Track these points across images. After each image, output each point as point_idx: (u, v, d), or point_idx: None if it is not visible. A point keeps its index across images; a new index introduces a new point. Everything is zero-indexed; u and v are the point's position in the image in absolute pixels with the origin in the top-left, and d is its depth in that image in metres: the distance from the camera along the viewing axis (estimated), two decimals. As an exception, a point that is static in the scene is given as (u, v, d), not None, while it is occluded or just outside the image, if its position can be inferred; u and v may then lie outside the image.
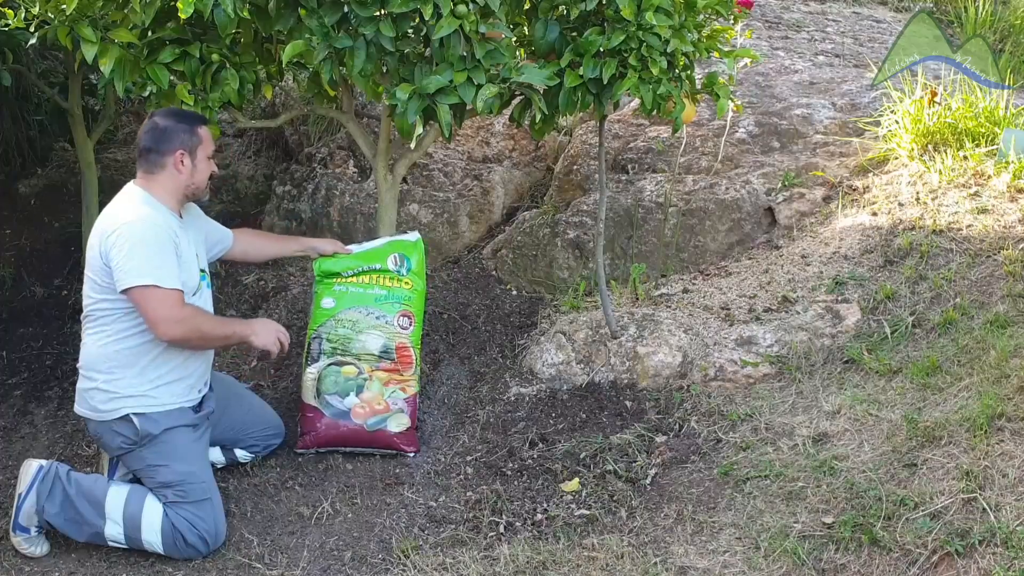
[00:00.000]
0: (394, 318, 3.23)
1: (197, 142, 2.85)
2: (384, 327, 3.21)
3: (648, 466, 3.01)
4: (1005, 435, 2.64)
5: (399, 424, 3.19)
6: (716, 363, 3.37)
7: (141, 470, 2.83)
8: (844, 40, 5.61)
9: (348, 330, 3.20)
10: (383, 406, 3.18)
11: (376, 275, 3.25)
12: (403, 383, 3.22)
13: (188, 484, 2.78)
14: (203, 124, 2.90)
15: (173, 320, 2.71)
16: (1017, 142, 3.71)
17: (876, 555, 2.43)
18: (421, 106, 2.81)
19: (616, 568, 2.60)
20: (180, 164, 2.83)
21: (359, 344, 3.19)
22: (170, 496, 2.77)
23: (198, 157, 2.85)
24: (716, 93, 3.18)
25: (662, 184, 4.11)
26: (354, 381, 3.19)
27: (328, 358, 3.19)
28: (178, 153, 2.82)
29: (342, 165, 4.54)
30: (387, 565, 2.73)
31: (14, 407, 3.51)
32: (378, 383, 3.19)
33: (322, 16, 2.75)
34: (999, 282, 3.28)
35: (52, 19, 2.87)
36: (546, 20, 3.02)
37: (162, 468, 2.79)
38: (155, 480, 2.80)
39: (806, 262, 3.76)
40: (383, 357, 3.20)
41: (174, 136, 2.82)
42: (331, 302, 3.23)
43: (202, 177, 2.88)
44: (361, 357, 3.19)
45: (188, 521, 2.74)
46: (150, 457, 2.79)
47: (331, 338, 3.20)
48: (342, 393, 3.18)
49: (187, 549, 2.75)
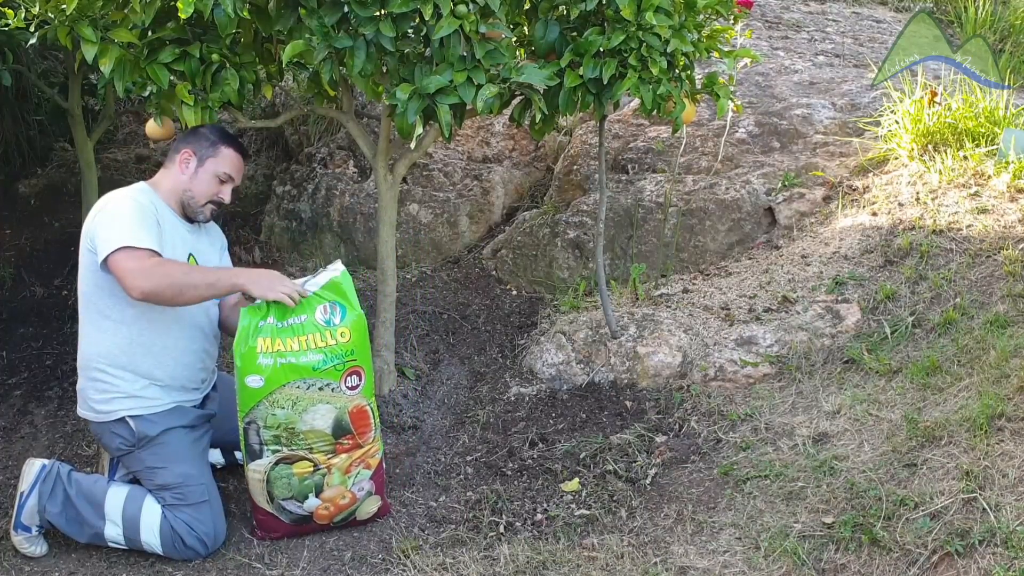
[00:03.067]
0: (340, 383, 2.67)
1: (212, 153, 2.84)
2: (331, 397, 2.67)
3: (648, 466, 3.01)
4: (1005, 435, 2.64)
5: (368, 510, 2.86)
6: (716, 363, 3.37)
7: (140, 472, 2.82)
8: (844, 40, 5.61)
9: (288, 411, 2.65)
10: (348, 499, 2.80)
11: (304, 337, 2.63)
12: (365, 457, 2.78)
13: (186, 487, 2.76)
14: (233, 147, 2.88)
15: (140, 272, 2.52)
16: (1017, 142, 3.71)
17: (876, 555, 2.43)
18: (421, 106, 2.81)
19: (616, 568, 2.60)
20: (185, 163, 2.83)
21: (304, 425, 2.67)
22: (168, 498, 2.76)
23: (206, 167, 2.83)
24: (716, 93, 3.18)
25: (662, 184, 4.11)
26: (311, 480, 2.73)
27: (272, 453, 2.70)
28: (187, 151, 2.83)
29: (342, 165, 4.54)
30: (387, 565, 2.73)
31: (14, 407, 3.51)
32: (338, 474, 2.74)
33: (322, 16, 2.75)
34: (999, 282, 3.28)
35: (52, 19, 2.87)
36: (546, 20, 3.02)
37: (160, 470, 2.77)
38: (153, 482, 2.79)
39: (806, 262, 3.76)
40: (337, 436, 2.71)
41: (196, 138, 2.85)
42: (258, 380, 2.62)
43: (202, 188, 2.83)
44: (313, 446, 2.70)
45: (186, 524, 2.73)
46: (148, 459, 2.77)
47: (269, 424, 2.67)
48: (299, 497, 2.76)
49: (186, 551, 2.74)
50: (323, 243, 4.36)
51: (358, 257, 4.32)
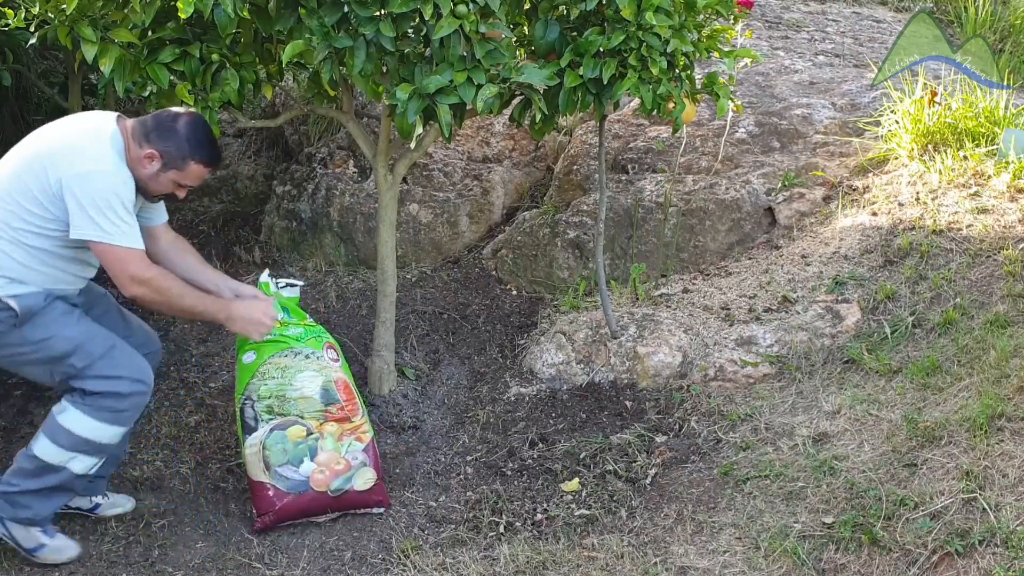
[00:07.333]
0: (323, 352, 2.96)
1: (180, 166, 2.66)
2: (317, 364, 2.92)
3: (648, 466, 3.01)
4: (1005, 435, 2.64)
5: (365, 480, 2.92)
6: (716, 363, 3.37)
7: (26, 355, 2.60)
8: (844, 40, 5.61)
9: (278, 379, 2.88)
10: (343, 465, 2.88)
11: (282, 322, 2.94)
12: (356, 432, 2.93)
13: (86, 344, 2.59)
14: (203, 163, 2.69)
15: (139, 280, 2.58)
16: (1017, 142, 3.71)
17: (876, 555, 2.43)
18: (421, 106, 2.81)
19: (616, 568, 2.60)
20: (148, 161, 2.63)
21: (295, 391, 2.87)
22: (75, 365, 2.57)
23: (169, 175, 2.67)
24: (716, 93, 3.18)
25: (662, 184, 4.11)
26: (305, 444, 2.86)
27: (267, 423, 2.86)
28: (154, 153, 2.63)
29: (342, 165, 4.54)
30: (387, 565, 2.73)
31: (14, 407, 3.50)
32: (331, 440, 2.89)
33: (322, 16, 2.76)
34: (999, 282, 3.28)
35: (52, 19, 2.87)
36: (546, 20, 3.03)
37: (48, 341, 2.57)
38: (48, 358, 2.58)
39: (806, 262, 3.76)
40: (326, 402, 2.90)
41: (166, 143, 2.63)
42: (252, 356, 2.92)
43: (158, 188, 2.69)
44: (304, 412, 2.88)
45: (106, 378, 2.58)
46: (34, 333, 2.57)
47: (261, 395, 2.87)
48: (295, 461, 2.85)
49: (129, 402, 2.60)
50: (323, 243, 4.36)
51: (358, 257, 4.32)
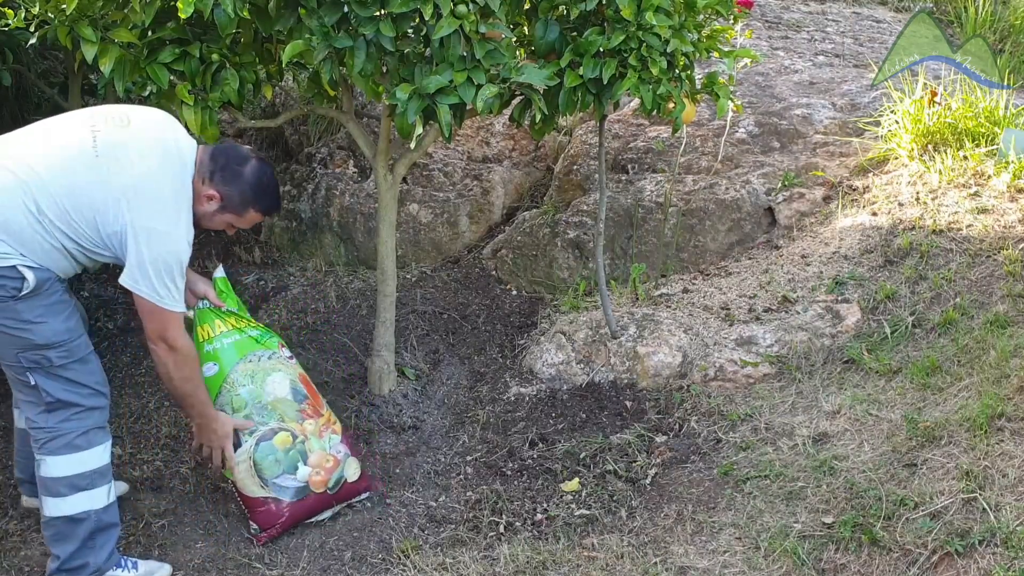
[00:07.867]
0: (279, 350, 2.95)
1: (239, 211, 2.73)
2: (280, 364, 2.91)
3: (648, 466, 3.01)
4: (1005, 435, 2.64)
5: (353, 470, 2.96)
6: (716, 363, 3.37)
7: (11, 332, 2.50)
8: (844, 40, 5.61)
9: (249, 386, 2.83)
10: (332, 462, 2.90)
11: (233, 317, 2.90)
12: (330, 425, 2.96)
13: (71, 342, 2.56)
14: (262, 212, 2.77)
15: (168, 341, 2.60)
16: (1017, 142, 3.71)
17: (876, 555, 2.43)
18: (421, 106, 2.81)
19: (616, 568, 2.60)
20: (208, 200, 2.68)
21: (269, 395, 2.84)
22: (54, 358, 2.53)
23: (225, 217, 2.73)
24: (716, 93, 3.18)
25: (662, 184, 4.11)
26: (295, 449, 2.84)
27: (250, 435, 2.81)
28: (216, 195, 2.67)
29: (342, 165, 4.54)
30: (387, 565, 2.73)
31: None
32: (315, 439, 2.88)
33: (322, 16, 2.75)
34: (999, 282, 3.28)
35: (52, 19, 2.87)
36: (546, 20, 3.02)
37: (40, 325, 2.50)
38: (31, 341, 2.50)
39: (806, 262, 3.76)
40: (298, 401, 2.90)
41: (230, 187, 2.68)
42: (214, 367, 2.82)
43: (212, 225, 2.75)
44: (283, 415, 2.85)
45: (73, 383, 2.55)
46: (29, 311, 2.49)
47: (237, 407, 2.80)
48: (289, 469, 2.83)
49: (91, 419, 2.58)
50: (323, 243, 4.36)
51: (358, 257, 4.32)
